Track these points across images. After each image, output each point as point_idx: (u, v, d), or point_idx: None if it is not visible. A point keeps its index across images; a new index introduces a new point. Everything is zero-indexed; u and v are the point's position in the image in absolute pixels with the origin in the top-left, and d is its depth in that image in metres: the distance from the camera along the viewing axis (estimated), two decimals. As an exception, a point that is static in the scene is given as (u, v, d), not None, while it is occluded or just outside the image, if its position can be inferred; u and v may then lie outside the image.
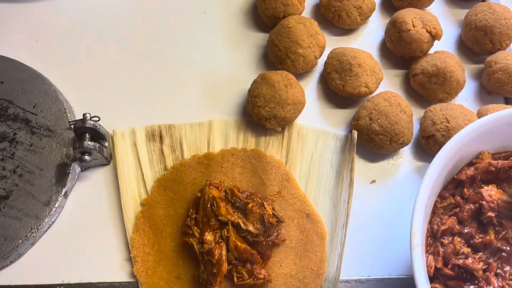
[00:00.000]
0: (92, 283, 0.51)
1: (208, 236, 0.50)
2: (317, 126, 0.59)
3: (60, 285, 0.51)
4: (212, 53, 0.64)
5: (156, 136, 0.58)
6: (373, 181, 0.57)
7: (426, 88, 0.59)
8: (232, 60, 0.63)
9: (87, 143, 0.52)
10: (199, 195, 0.53)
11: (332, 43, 0.63)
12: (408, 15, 0.60)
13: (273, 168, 0.57)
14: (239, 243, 0.50)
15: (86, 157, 0.52)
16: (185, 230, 0.52)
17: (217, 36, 0.65)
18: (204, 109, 0.60)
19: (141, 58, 0.63)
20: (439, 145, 0.56)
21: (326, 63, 0.60)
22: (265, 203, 0.52)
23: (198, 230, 0.52)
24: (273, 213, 0.52)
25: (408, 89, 0.62)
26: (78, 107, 0.59)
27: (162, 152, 0.57)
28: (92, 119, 0.53)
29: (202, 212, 0.52)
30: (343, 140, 0.58)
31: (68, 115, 0.57)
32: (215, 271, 0.49)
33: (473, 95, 0.63)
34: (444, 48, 0.63)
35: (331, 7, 0.62)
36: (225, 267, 0.50)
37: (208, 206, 0.51)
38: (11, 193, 0.53)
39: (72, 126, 0.55)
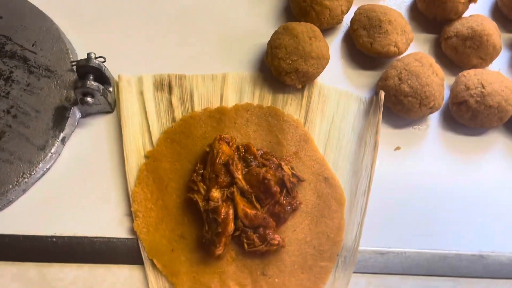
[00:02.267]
0: (87, 237, 0.47)
1: (215, 193, 0.46)
2: (339, 87, 0.55)
3: (51, 237, 0.46)
4: (231, 2, 0.59)
5: (165, 85, 0.53)
6: (398, 148, 0.53)
7: (459, 52, 0.55)
8: (252, 11, 0.58)
9: (91, 83, 0.47)
10: (207, 149, 0.49)
11: (359, 1, 0.59)
12: (445, -27, 0.56)
13: (290, 128, 0.52)
14: (248, 210, 0.46)
15: (89, 99, 0.47)
16: (190, 185, 0.48)
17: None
18: (218, 61, 0.56)
19: (153, 1, 0.58)
20: (472, 112, 0.51)
21: (353, 19, 0.56)
22: (282, 163, 0.48)
23: (205, 187, 0.47)
24: (292, 173, 0.48)
25: (438, 55, 0.58)
26: (82, 49, 0.54)
27: (170, 103, 0.53)
28: (97, 59, 0.49)
29: (210, 168, 0.47)
30: (367, 103, 0.54)
31: (71, 56, 0.52)
32: (219, 230, 0.45)
33: (508, 65, 0.58)
34: (479, 13, 0.59)
35: (360, -39, 0.58)
36: (231, 227, 0.45)
37: (217, 161, 0.47)
38: (3, 134, 0.48)
39: (74, 66, 0.50)
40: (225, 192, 0.46)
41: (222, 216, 0.45)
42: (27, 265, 0.46)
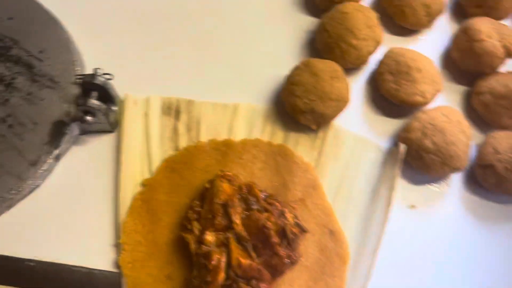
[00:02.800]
0: (67, 265, 0.44)
1: (209, 237, 0.42)
2: (356, 131, 0.51)
3: (30, 260, 0.43)
4: (252, 29, 0.56)
5: (172, 110, 0.50)
6: (413, 206, 0.49)
7: (491, 110, 0.51)
8: (272, 40, 0.55)
9: (93, 102, 0.44)
10: (207, 186, 0.45)
11: (388, 43, 0.55)
12: (484, 24, 0.52)
13: (299, 171, 0.48)
14: (242, 259, 0.42)
15: (89, 117, 0.45)
16: (184, 223, 0.44)
17: (260, 10, 0.57)
18: (231, 90, 0.52)
19: (170, 20, 0.55)
20: (498, 177, 0.47)
21: (380, 62, 0.52)
22: (286, 210, 0.44)
23: (199, 227, 0.44)
24: (295, 222, 0.44)
25: (467, 109, 0.54)
26: (90, 62, 0.51)
27: (176, 129, 0.50)
28: (104, 76, 0.46)
29: (208, 207, 0.44)
30: (385, 153, 0.50)
31: (77, 68, 0.49)
32: (209, 279, 0.41)
33: (542, 130, 0.54)
34: (516, 69, 0.55)
35: (395, 0, 0.54)
36: (221, 276, 0.41)
37: (217, 201, 0.43)
38: (-5, 144, 0.45)
39: (79, 80, 0.47)
40: (220, 236, 0.43)
41: (213, 263, 0.41)
42: (-1, 287, 0.43)
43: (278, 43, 0.55)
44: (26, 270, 0.43)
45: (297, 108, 0.48)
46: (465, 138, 0.48)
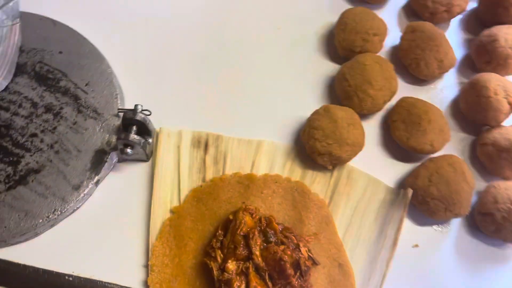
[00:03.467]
0: (102, 281, 0.48)
1: (231, 265, 0.47)
2: (369, 172, 0.56)
3: (69, 275, 0.48)
4: (277, 72, 0.61)
5: (201, 143, 0.55)
6: (416, 246, 0.53)
7: (494, 161, 0.55)
8: (296, 84, 0.60)
9: (133, 136, 0.49)
10: (231, 217, 0.50)
11: (401, 89, 0.60)
12: (492, 80, 0.56)
13: (314, 207, 0.53)
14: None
15: (128, 150, 0.50)
16: (208, 250, 0.49)
17: (286, 55, 0.62)
18: (255, 127, 0.57)
19: (203, 61, 0.60)
20: (497, 225, 0.51)
21: (393, 110, 0.57)
22: (301, 244, 0.49)
23: (222, 255, 0.48)
24: (308, 255, 0.49)
25: (472, 157, 0.58)
26: (130, 96, 0.56)
27: (204, 161, 0.54)
28: (143, 111, 0.51)
29: (230, 237, 0.48)
30: (393, 195, 0.54)
31: (119, 102, 0.54)
32: (229, 304, 0.46)
33: (540, 181, 0.58)
34: (519, 124, 0.59)
35: (411, 53, 0.59)
36: None
37: (238, 232, 0.48)
38: (44, 168, 0.50)
39: (120, 113, 0.52)
40: (241, 265, 0.47)
41: (233, 290, 0.46)
42: (41, 298, 0.48)
43: (301, 86, 0.60)
44: (65, 284, 0.48)
45: (316, 149, 0.53)
46: (468, 187, 0.52)
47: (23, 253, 0.49)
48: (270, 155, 0.56)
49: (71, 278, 0.48)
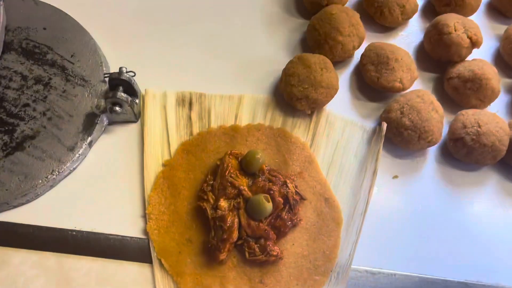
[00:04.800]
0: (103, 233, 0.51)
1: (223, 203, 0.50)
2: (345, 115, 0.59)
3: (72, 230, 0.51)
4: (251, 31, 0.64)
5: (186, 102, 0.58)
6: (395, 177, 0.57)
7: (460, 92, 0.59)
8: (270, 40, 0.64)
9: (120, 94, 0.52)
10: (218, 163, 0.53)
11: (370, 39, 0.64)
12: (451, 19, 0.60)
13: (297, 149, 0.56)
14: (251, 221, 0.50)
15: (117, 108, 0.53)
16: (200, 194, 0.52)
17: (258, 14, 0.66)
18: (236, 84, 0.61)
19: (181, 25, 0.64)
20: (467, 148, 0.55)
21: (363, 55, 0.60)
22: (288, 181, 0.52)
23: (213, 197, 0.51)
24: (295, 190, 0.52)
25: (441, 93, 0.62)
26: (114, 63, 0.60)
27: (190, 118, 0.58)
28: (128, 73, 0.54)
29: (219, 180, 0.52)
30: (370, 133, 0.58)
31: (104, 69, 0.57)
32: (225, 237, 0.48)
33: (505, 108, 0.62)
34: (481, 58, 0.63)
35: (374, 2, 0.63)
36: (236, 234, 0.49)
37: (226, 174, 0.51)
38: (38, 134, 0.53)
39: (106, 78, 0.55)
40: (232, 202, 0.50)
41: (228, 224, 0.49)
42: (47, 255, 0.50)
43: (275, 43, 0.64)
44: (69, 238, 0.50)
45: (294, 95, 0.56)
46: (437, 115, 0.56)
47: (26, 214, 0.51)
48: (251, 107, 0.59)
49: (74, 233, 0.51)
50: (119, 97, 0.52)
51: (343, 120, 0.59)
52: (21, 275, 0.49)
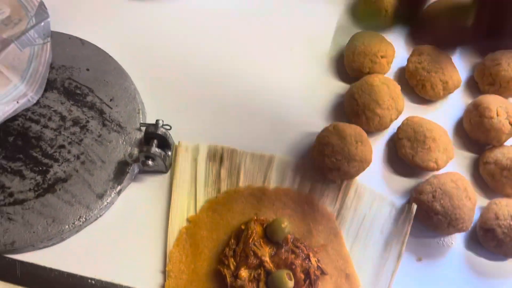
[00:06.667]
0: (122, 285, 0.51)
1: (243, 273, 0.50)
2: (375, 188, 0.58)
3: (92, 279, 0.51)
4: (289, 90, 0.64)
5: (217, 157, 0.59)
6: (419, 259, 0.56)
7: (496, 179, 0.58)
8: (306, 102, 0.64)
9: (154, 149, 0.52)
10: (243, 227, 0.53)
11: (408, 109, 0.63)
12: (494, 102, 0.59)
13: (323, 220, 0.56)
14: None
15: (150, 162, 0.53)
16: (222, 258, 0.52)
17: (297, 74, 0.65)
18: (268, 143, 0.60)
19: (220, 79, 0.64)
20: (498, 241, 0.54)
21: (399, 128, 0.60)
22: (311, 254, 0.52)
23: (234, 263, 0.51)
24: (317, 265, 0.51)
25: (475, 175, 0.61)
26: (151, 111, 0.60)
27: (219, 174, 0.58)
28: (164, 126, 0.54)
29: (242, 246, 0.51)
30: (398, 210, 0.57)
31: (141, 117, 0.58)
32: (241, 309, 0.48)
33: (541, 198, 0.60)
34: (521, 143, 0.62)
35: (417, 75, 0.62)
36: None
37: (250, 241, 0.51)
38: (70, 177, 0.54)
39: (142, 128, 0.56)
40: (253, 273, 0.50)
41: (246, 296, 0.49)
42: (65, 300, 0.51)
43: (311, 104, 0.63)
44: (88, 287, 0.51)
45: (325, 165, 0.56)
46: (470, 203, 0.55)
47: (49, 257, 0.52)
48: (281, 169, 0.59)
49: (93, 282, 0.51)
50: (154, 153, 0.52)
51: (372, 193, 0.58)
52: (38, 319, 0.49)
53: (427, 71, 0.61)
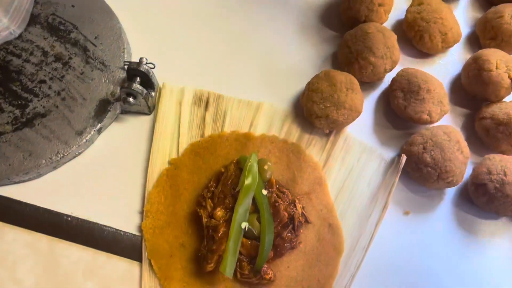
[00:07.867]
0: (98, 224, 0.50)
1: (219, 212, 0.48)
2: (365, 140, 0.56)
3: (68, 215, 0.50)
4: (282, 37, 0.62)
5: (202, 101, 0.57)
6: (407, 213, 0.54)
7: (491, 135, 0.55)
8: (299, 50, 0.61)
9: (136, 86, 0.51)
10: (223, 170, 0.51)
11: (404, 63, 0.60)
12: (494, 55, 0.56)
13: (308, 168, 0.54)
14: (244, 239, 0.48)
15: (131, 99, 0.51)
16: (199, 200, 0.51)
17: (292, 22, 0.63)
18: (256, 90, 0.58)
19: (211, 22, 0.62)
20: (489, 196, 0.52)
21: (393, 79, 0.57)
22: (297, 201, 0.50)
23: (212, 204, 0.50)
24: (302, 212, 0.50)
25: (469, 132, 0.58)
26: (137, 51, 0.58)
27: (204, 118, 0.56)
28: (147, 64, 0.52)
29: (221, 188, 0.50)
30: (387, 163, 0.55)
31: (125, 56, 0.56)
32: (214, 248, 0.47)
33: (538, 158, 0.58)
34: (520, 100, 0.59)
35: (415, 25, 0.59)
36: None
37: (229, 183, 0.49)
38: (49, 113, 0.52)
39: (126, 66, 0.54)
40: (229, 213, 0.49)
41: (219, 235, 0.47)
42: (40, 236, 0.49)
43: (304, 52, 0.61)
44: (63, 223, 0.50)
45: (313, 112, 0.54)
46: (462, 156, 0.52)
47: (25, 192, 0.51)
48: (268, 117, 0.57)
49: (69, 218, 0.50)
50: (135, 89, 0.50)
51: (362, 145, 0.56)
52: (11, 253, 0.48)
53: (426, 21, 0.59)
